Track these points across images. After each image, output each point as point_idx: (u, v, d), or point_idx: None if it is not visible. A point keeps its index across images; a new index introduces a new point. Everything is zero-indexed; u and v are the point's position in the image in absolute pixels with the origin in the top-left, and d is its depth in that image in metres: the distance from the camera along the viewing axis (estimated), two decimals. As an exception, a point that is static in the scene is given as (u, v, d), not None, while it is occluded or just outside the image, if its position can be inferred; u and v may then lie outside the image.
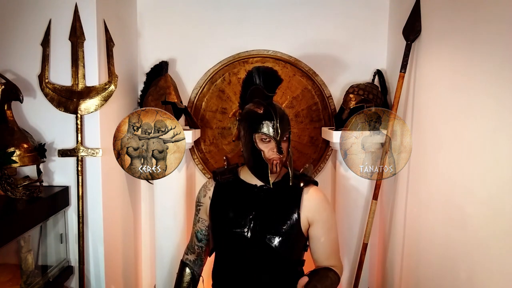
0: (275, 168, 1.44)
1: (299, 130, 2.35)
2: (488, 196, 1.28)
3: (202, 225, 1.64)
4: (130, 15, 2.24)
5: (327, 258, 1.51)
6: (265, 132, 1.41)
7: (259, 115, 1.44)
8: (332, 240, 1.52)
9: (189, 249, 1.71)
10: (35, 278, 1.67)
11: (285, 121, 1.46)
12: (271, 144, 1.43)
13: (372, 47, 2.29)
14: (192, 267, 1.66)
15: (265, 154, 1.43)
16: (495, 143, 1.24)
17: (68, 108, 1.78)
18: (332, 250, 1.52)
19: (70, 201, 1.85)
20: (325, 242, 1.50)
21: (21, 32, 1.76)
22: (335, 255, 1.54)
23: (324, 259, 1.51)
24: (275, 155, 1.43)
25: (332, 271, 1.48)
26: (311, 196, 1.50)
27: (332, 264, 1.51)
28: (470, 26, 1.40)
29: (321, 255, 1.51)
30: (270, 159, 1.43)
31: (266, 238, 1.44)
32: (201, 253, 1.68)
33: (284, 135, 1.44)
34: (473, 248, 1.36)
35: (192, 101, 2.33)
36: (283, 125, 1.43)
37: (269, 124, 1.41)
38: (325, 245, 1.51)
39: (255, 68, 1.54)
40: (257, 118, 1.43)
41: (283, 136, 1.43)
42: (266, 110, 1.44)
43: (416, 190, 1.85)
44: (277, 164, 1.44)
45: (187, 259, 1.69)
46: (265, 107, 1.44)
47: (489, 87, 1.28)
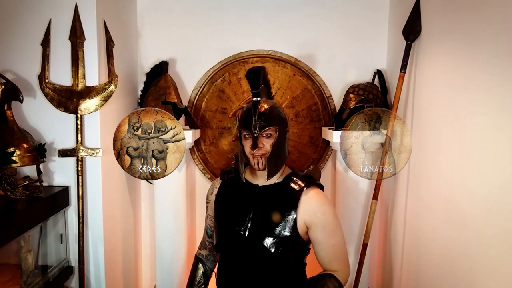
0: (257, 165, 1.45)
1: (299, 130, 2.35)
2: (488, 196, 1.28)
3: (211, 221, 1.67)
4: (130, 15, 2.24)
5: (329, 262, 1.47)
6: (244, 127, 1.46)
7: (243, 112, 1.51)
8: (335, 245, 1.47)
9: (202, 244, 1.74)
10: (35, 278, 1.67)
11: (268, 117, 1.44)
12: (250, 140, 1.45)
13: (372, 47, 2.29)
14: (205, 262, 1.70)
15: (245, 149, 1.47)
16: (495, 143, 1.24)
17: (68, 108, 1.78)
18: (334, 255, 1.47)
19: (70, 201, 1.85)
20: (326, 247, 1.46)
21: (21, 32, 1.76)
22: (339, 260, 1.48)
23: (326, 263, 1.48)
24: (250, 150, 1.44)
25: (333, 277, 1.44)
26: (309, 199, 1.47)
27: (335, 268, 1.47)
28: (470, 26, 1.40)
29: (323, 259, 1.48)
30: (248, 155, 1.46)
31: (262, 239, 1.43)
32: (212, 249, 1.71)
33: (264, 131, 1.43)
34: (473, 248, 1.36)
35: (192, 101, 2.33)
36: (263, 121, 1.43)
37: (248, 120, 1.45)
38: (326, 250, 1.46)
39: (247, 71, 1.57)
40: (241, 115, 1.51)
41: (262, 132, 1.43)
42: (247, 107, 1.50)
43: (416, 190, 1.85)
44: (258, 162, 1.44)
45: (200, 254, 1.73)
46: (248, 104, 1.50)
47: (489, 87, 1.28)
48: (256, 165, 1.45)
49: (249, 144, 1.44)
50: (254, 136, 1.43)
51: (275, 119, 1.46)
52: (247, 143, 1.46)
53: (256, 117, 1.43)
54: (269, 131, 1.44)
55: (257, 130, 1.42)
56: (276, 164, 1.48)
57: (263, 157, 1.44)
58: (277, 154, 1.47)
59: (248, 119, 1.45)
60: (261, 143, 1.43)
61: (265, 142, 1.44)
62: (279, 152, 1.48)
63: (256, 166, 1.45)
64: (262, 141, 1.43)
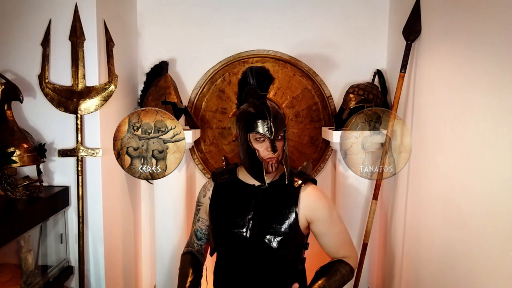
0: (271, 168, 1.45)
1: (299, 130, 2.35)
2: (488, 196, 1.28)
3: (202, 224, 1.65)
4: (130, 15, 2.24)
5: (337, 251, 1.52)
6: (259, 131, 1.42)
7: (253, 115, 1.44)
8: (338, 233, 1.52)
9: (188, 246, 1.72)
10: (35, 278, 1.67)
11: (279, 120, 1.45)
12: (266, 143, 1.43)
13: (372, 47, 2.29)
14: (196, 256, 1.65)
15: (260, 153, 1.44)
16: (495, 143, 1.24)
17: (68, 108, 1.78)
18: (340, 242, 1.52)
19: (70, 201, 1.85)
20: (331, 237, 1.51)
21: (21, 32, 1.76)
22: (346, 246, 1.54)
23: (334, 252, 1.53)
24: (270, 154, 1.43)
25: (343, 262, 1.49)
26: (308, 195, 1.50)
27: (344, 255, 1.52)
28: (470, 26, 1.40)
29: (330, 248, 1.53)
30: (265, 159, 1.44)
31: (265, 238, 1.44)
32: (200, 250, 1.69)
33: (278, 134, 1.44)
34: (473, 248, 1.36)
35: (192, 101, 2.33)
36: (277, 124, 1.43)
37: (263, 123, 1.41)
38: (331, 240, 1.52)
39: (249, 69, 1.54)
40: (251, 118, 1.44)
41: (277, 135, 1.43)
42: (259, 109, 1.44)
43: (416, 190, 1.85)
44: (273, 164, 1.45)
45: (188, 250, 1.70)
46: (258, 106, 1.45)
47: (489, 87, 1.28)
48: (269, 168, 1.45)
49: (263, 148, 1.43)
50: (271, 139, 1.42)
51: (283, 121, 1.48)
52: (261, 146, 1.44)
53: (272, 119, 1.41)
54: (282, 134, 1.46)
55: (274, 133, 1.41)
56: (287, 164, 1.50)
57: (276, 159, 1.45)
58: (287, 155, 1.50)
59: (257, 122, 1.43)
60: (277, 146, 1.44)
61: (278, 144, 1.45)
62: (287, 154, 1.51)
63: (270, 168, 1.46)
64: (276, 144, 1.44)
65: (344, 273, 1.46)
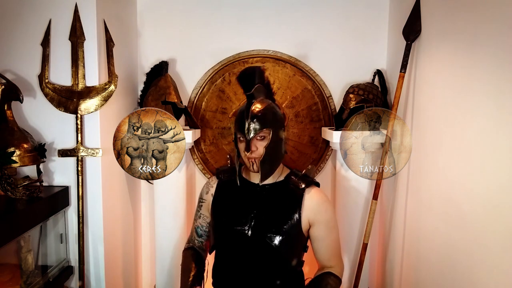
0: (252, 167, 1.47)
1: (299, 130, 2.35)
2: (488, 196, 1.28)
3: (203, 221, 1.67)
4: (130, 15, 2.24)
5: (328, 258, 1.55)
6: (238, 131, 1.46)
7: (237, 114, 1.50)
8: (334, 240, 1.55)
9: (189, 242, 1.74)
10: (35, 278, 1.67)
11: (261, 120, 1.43)
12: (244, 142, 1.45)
13: (372, 47, 2.29)
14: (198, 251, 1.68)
15: (241, 153, 1.48)
16: (495, 143, 1.24)
17: (68, 108, 1.78)
18: (333, 251, 1.56)
19: (70, 201, 1.85)
20: (327, 243, 1.53)
21: (21, 32, 1.76)
22: (336, 255, 1.57)
23: (325, 259, 1.56)
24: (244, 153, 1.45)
25: (332, 275, 1.52)
26: (312, 197, 1.51)
27: (333, 264, 1.56)
28: (470, 26, 1.40)
29: (322, 255, 1.55)
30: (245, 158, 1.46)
31: (267, 237, 1.45)
32: (201, 247, 1.71)
33: (257, 134, 1.42)
34: (473, 248, 1.36)
35: (192, 101, 2.33)
36: (257, 124, 1.42)
37: (242, 123, 1.44)
38: (327, 246, 1.54)
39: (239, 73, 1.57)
40: (236, 117, 1.50)
41: (255, 135, 1.42)
42: (241, 109, 1.49)
43: (416, 190, 1.85)
44: (253, 164, 1.46)
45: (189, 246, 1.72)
46: (243, 107, 1.48)
47: (489, 87, 1.28)
48: (251, 167, 1.47)
49: (243, 147, 1.44)
50: (247, 139, 1.42)
51: (268, 121, 1.45)
52: (241, 146, 1.46)
53: (249, 119, 1.42)
54: (262, 134, 1.44)
55: (250, 133, 1.42)
56: (271, 167, 1.49)
57: (256, 159, 1.45)
58: (271, 156, 1.47)
59: (241, 122, 1.44)
60: (254, 146, 1.43)
61: (258, 144, 1.44)
62: (273, 154, 1.48)
63: (251, 168, 1.47)
64: (255, 144, 1.44)
65: (334, 286, 1.50)
